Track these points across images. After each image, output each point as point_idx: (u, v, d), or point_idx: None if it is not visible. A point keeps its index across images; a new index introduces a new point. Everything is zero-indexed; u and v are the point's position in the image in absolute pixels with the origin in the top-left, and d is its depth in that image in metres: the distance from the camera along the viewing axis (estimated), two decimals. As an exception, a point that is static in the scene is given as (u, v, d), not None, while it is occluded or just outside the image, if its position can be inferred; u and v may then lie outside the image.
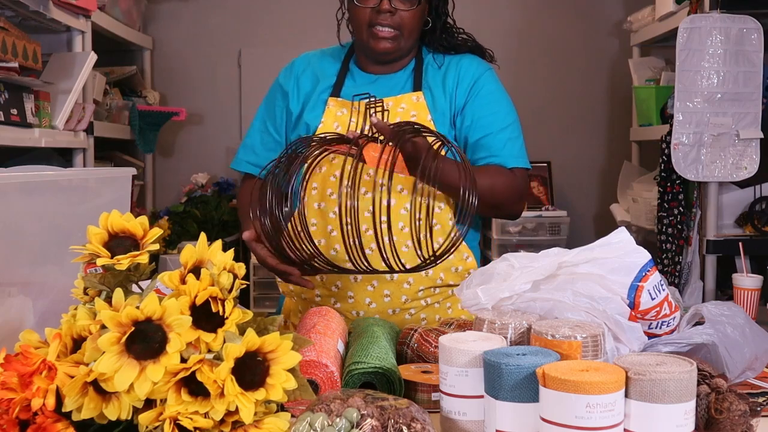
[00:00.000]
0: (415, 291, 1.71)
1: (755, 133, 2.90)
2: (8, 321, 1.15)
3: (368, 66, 1.81)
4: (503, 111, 1.76)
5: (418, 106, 1.74)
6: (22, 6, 2.54)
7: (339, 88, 1.78)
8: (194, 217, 3.93)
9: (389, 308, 1.71)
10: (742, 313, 1.25)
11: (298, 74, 1.84)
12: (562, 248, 1.21)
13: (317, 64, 1.85)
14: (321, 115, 1.76)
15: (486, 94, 1.76)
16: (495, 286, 1.16)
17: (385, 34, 1.69)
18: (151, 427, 0.84)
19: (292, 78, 1.85)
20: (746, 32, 2.89)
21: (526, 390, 0.94)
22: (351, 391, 0.99)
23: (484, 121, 1.72)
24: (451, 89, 1.76)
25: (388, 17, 1.68)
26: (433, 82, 1.77)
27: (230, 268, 0.92)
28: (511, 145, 1.73)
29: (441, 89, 1.76)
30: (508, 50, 4.04)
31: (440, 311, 1.76)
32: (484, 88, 1.76)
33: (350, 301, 1.71)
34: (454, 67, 1.78)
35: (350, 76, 1.81)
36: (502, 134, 1.72)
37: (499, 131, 1.72)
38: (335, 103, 1.76)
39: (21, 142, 2.51)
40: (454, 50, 1.81)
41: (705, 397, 1.01)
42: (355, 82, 1.80)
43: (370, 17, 1.69)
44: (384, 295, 1.71)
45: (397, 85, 1.78)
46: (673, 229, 3.07)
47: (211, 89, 4.22)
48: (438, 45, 1.81)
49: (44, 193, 1.26)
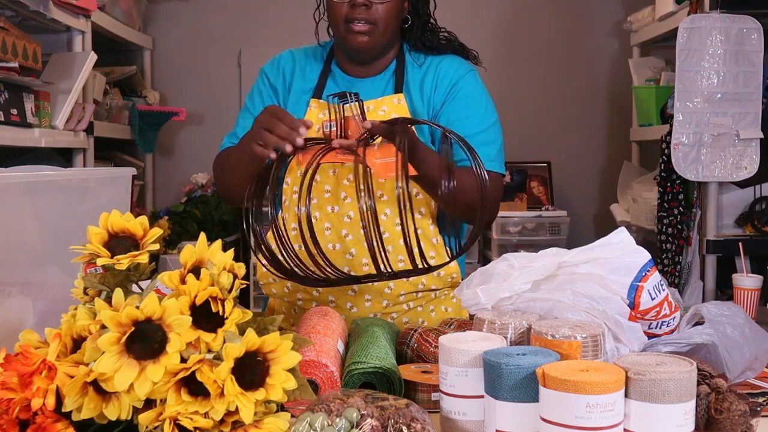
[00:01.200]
0: (396, 296, 1.70)
1: (755, 133, 2.90)
2: (8, 321, 1.15)
3: (349, 67, 1.78)
4: (480, 114, 1.72)
5: (399, 108, 1.71)
6: (22, 6, 2.54)
7: (321, 90, 1.76)
8: (194, 217, 3.93)
9: (371, 313, 1.70)
10: (742, 313, 1.25)
11: (284, 71, 1.82)
12: (561, 248, 1.21)
13: (301, 62, 1.83)
14: (303, 116, 1.73)
15: (464, 97, 1.72)
16: (495, 286, 1.16)
17: (361, 28, 1.66)
18: (151, 427, 0.84)
19: (279, 74, 1.82)
20: (746, 32, 2.89)
21: (526, 390, 0.94)
22: (351, 391, 0.99)
23: (459, 125, 1.66)
24: (429, 92, 1.73)
25: (363, 11, 1.65)
26: (413, 84, 1.74)
27: (230, 268, 0.92)
28: (486, 148, 1.66)
29: (419, 92, 1.73)
30: (507, 50, 4.04)
31: (423, 314, 1.74)
32: (462, 90, 1.73)
33: (331, 305, 1.70)
34: (433, 68, 1.75)
35: (332, 78, 1.79)
36: (477, 138, 1.65)
37: (475, 135, 1.66)
38: (317, 105, 1.74)
39: (21, 142, 2.51)
40: (435, 50, 1.78)
41: (705, 397, 1.01)
42: (336, 84, 1.78)
43: (346, 13, 1.67)
44: (365, 300, 1.70)
45: (379, 88, 1.76)
46: (673, 229, 3.07)
47: (211, 89, 4.22)
48: (419, 44, 1.78)
49: (44, 193, 1.26)
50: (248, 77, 4.17)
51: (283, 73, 1.82)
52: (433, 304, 1.76)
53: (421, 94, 1.73)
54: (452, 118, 1.70)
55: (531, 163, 4.00)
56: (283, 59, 1.86)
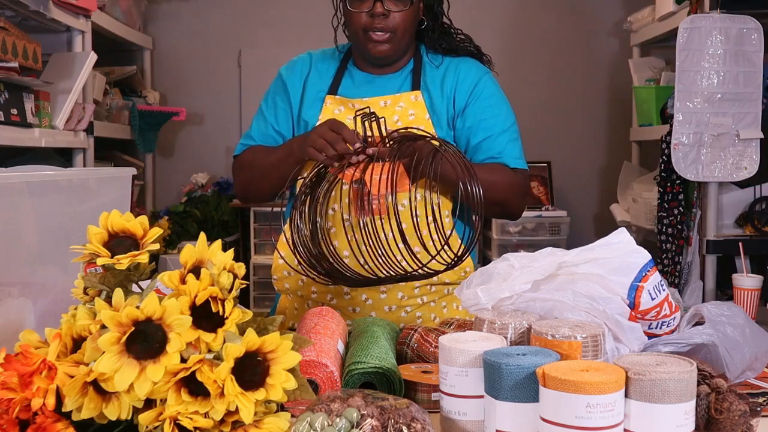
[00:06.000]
0: (411, 288, 1.72)
1: (755, 133, 2.90)
2: (8, 321, 1.15)
3: (366, 66, 1.83)
4: (503, 114, 1.79)
5: (417, 105, 1.76)
6: (22, 6, 2.54)
7: (336, 87, 1.81)
8: (194, 217, 3.93)
9: (386, 305, 1.72)
10: (742, 313, 1.25)
11: (301, 72, 1.85)
12: (557, 248, 1.21)
13: (318, 63, 1.87)
14: (319, 112, 1.78)
15: (487, 97, 1.78)
16: (495, 286, 1.16)
17: (380, 37, 1.72)
18: (151, 427, 0.84)
19: (295, 75, 1.85)
20: (746, 32, 2.89)
21: (526, 390, 0.94)
22: (351, 391, 0.99)
23: (485, 124, 1.75)
24: (450, 91, 1.78)
25: (382, 20, 1.70)
26: (432, 83, 1.79)
27: (230, 267, 0.92)
28: (511, 146, 1.76)
29: (439, 91, 1.78)
30: (507, 50, 4.05)
31: (436, 310, 1.77)
32: (485, 91, 1.78)
33: (346, 298, 1.72)
34: (453, 69, 1.80)
35: (348, 75, 1.83)
36: (503, 136, 1.75)
37: (500, 133, 1.75)
38: (332, 101, 1.78)
39: (21, 142, 2.51)
40: (453, 52, 1.83)
41: (705, 397, 1.01)
42: (353, 81, 1.82)
43: (365, 22, 1.71)
44: (381, 291, 1.71)
45: (395, 85, 1.80)
46: (673, 229, 3.07)
47: (211, 89, 4.22)
48: (436, 46, 1.83)
49: (44, 193, 1.26)
50: (248, 77, 4.17)
51: (299, 74, 1.86)
52: (446, 300, 1.79)
53: (442, 92, 1.78)
54: (479, 117, 1.76)
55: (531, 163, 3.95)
56: (300, 60, 1.89)
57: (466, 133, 1.76)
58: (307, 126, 1.79)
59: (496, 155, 1.74)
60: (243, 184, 1.88)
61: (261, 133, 1.86)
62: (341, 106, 1.78)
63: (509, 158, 1.75)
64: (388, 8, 1.70)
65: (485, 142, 1.75)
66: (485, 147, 1.75)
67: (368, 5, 1.70)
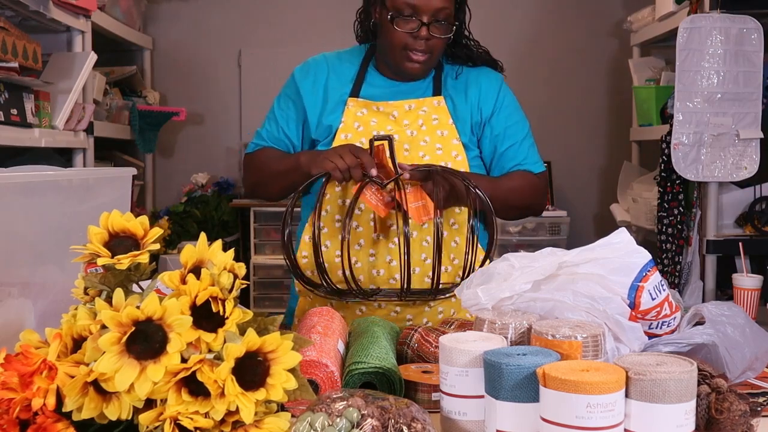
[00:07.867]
0: None
1: (755, 133, 2.90)
2: (8, 321, 1.15)
3: (389, 72, 1.83)
4: (522, 120, 1.88)
5: (439, 110, 1.79)
6: (22, 6, 2.54)
7: (358, 89, 1.80)
8: (194, 217, 3.93)
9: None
10: (742, 313, 1.25)
11: (316, 77, 1.84)
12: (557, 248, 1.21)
13: (335, 66, 1.85)
14: (341, 115, 1.78)
15: (507, 105, 1.85)
16: (495, 286, 1.16)
17: (419, 58, 1.73)
18: (152, 427, 0.84)
19: (309, 80, 1.84)
20: (746, 32, 2.89)
21: (527, 390, 0.94)
22: (351, 391, 0.99)
23: (510, 131, 1.83)
24: (474, 99, 1.82)
25: (422, 43, 1.71)
26: (454, 90, 1.82)
27: (230, 267, 0.92)
28: (532, 152, 1.85)
29: (463, 98, 1.81)
30: (507, 50, 4.04)
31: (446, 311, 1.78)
32: (505, 100, 1.85)
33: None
34: (474, 78, 1.84)
35: (370, 78, 1.83)
36: (525, 143, 1.85)
37: (523, 140, 1.85)
38: (355, 104, 1.78)
39: (21, 142, 2.51)
40: (471, 62, 1.86)
41: (705, 397, 1.01)
42: (375, 84, 1.82)
43: (406, 41, 1.71)
44: None
45: (418, 90, 1.81)
46: (673, 229, 3.07)
47: (211, 89, 4.22)
48: (458, 57, 1.85)
49: (44, 193, 1.26)
50: (248, 77, 4.17)
51: (315, 78, 1.84)
52: (443, 306, 1.79)
53: (466, 100, 1.82)
54: (503, 125, 1.84)
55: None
56: (315, 64, 1.87)
57: (494, 140, 1.83)
58: (330, 130, 1.78)
59: (522, 161, 1.83)
60: (252, 184, 1.93)
61: (271, 136, 1.87)
62: (364, 108, 1.77)
63: (532, 164, 1.84)
64: (432, 33, 1.70)
65: (510, 150, 1.83)
66: (511, 154, 1.83)
67: (414, 26, 1.69)
